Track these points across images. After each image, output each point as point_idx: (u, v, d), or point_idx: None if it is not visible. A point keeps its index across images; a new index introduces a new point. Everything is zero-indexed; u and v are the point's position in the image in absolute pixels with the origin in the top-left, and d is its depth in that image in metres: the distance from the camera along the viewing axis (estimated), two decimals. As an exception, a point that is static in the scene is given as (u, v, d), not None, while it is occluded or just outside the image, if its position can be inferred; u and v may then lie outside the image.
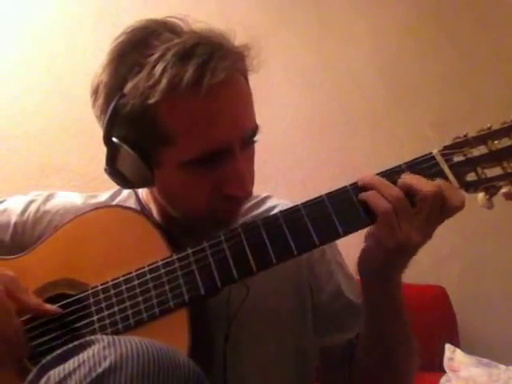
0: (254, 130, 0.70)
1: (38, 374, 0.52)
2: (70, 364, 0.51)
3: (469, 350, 1.58)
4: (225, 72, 0.62)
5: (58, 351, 0.53)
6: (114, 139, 0.67)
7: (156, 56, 0.63)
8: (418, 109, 1.90)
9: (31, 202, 0.82)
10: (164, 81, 0.61)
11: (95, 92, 0.69)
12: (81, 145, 1.68)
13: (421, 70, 1.93)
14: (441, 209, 0.63)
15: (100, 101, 0.68)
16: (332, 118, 1.88)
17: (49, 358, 0.53)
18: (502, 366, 1.50)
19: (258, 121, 0.71)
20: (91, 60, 1.59)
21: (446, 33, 1.95)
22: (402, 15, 1.95)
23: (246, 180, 0.68)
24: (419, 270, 1.77)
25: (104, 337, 0.52)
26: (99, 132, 0.68)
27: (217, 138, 0.65)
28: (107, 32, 1.68)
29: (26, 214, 0.80)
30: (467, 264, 1.86)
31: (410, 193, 0.64)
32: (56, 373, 0.50)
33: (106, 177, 0.72)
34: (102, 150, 0.69)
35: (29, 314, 0.67)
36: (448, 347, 1.58)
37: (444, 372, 1.53)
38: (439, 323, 1.69)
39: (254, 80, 0.71)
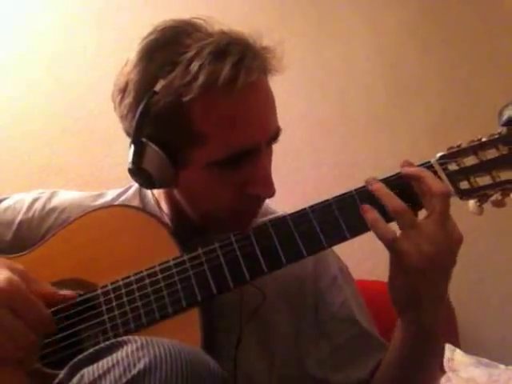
0: (278, 131, 0.73)
1: (69, 372, 0.52)
2: (104, 363, 0.51)
3: (469, 350, 1.58)
4: (257, 72, 0.65)
5: (90, 350, 0.54)
6: (143, 138, 0.67)
7: (191, 54, 0.63)
8: (418, 109, 1.90)
9: (36, 199, 0.82)
10: (201, 77, 0.62)
11: (123, 90, 0.69)
12: (81, 145, 1.67)
13: (421, 71, 1.93)
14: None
15: (128, 99, 0.68)
16: (332, 119, 1.88)
17: (80, 356, 0.53)
18: (502, 366, 1.50)
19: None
20: (91, 60, 1.61)
21: (446, 34, 1.95)
22: (403, 16, 1.95)
23: (270, 179, 0.69)
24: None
25: (136, 338, 0.53)
26: (99, 132, 0.68)
27: (247, 138, 0.66)
28: (107, 32, 1.69)
29: (32, 212, 0.80)
30: (467, 264, 1.85)
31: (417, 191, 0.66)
32: (90, 371, 0.51)
33: (106, 177, 0.72)
34: (103, 150, 0.69)
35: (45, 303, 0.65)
36: (448, 347, 1.57)
37: (444, 372, 1.52)
38: (439, 323, 1.68)
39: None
